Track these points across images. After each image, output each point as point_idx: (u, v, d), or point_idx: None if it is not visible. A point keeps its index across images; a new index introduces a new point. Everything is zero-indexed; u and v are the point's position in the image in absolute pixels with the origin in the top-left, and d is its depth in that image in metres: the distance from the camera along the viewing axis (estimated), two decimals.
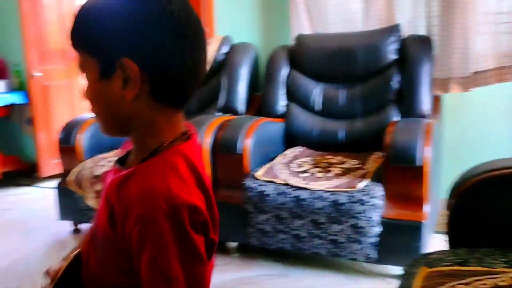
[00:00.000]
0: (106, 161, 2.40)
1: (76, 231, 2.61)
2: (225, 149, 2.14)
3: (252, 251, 2.23)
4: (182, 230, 0.64)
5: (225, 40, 2.76)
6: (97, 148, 2.61)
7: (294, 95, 2.55)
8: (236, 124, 2.22)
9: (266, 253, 2.21)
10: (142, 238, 0.64)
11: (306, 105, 2.51)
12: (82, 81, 3.37)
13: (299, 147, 2.45)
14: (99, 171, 2.35)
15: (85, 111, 3.91)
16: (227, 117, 2.43)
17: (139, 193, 0.65)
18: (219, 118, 2.36)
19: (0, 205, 3.20)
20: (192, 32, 0.69)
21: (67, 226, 2.62)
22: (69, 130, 2.57)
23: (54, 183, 3.70)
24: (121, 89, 0.68)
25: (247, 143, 2.12)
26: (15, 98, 3.64)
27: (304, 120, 2.49)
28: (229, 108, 2.63)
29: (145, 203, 0.64)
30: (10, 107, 3.71)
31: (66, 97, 3.74)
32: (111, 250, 0.71)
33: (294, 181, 1.98)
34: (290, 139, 2.52)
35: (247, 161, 2.13)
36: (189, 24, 0.69)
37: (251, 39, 2.89)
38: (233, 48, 2.75)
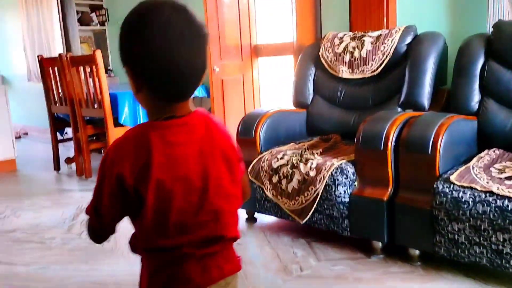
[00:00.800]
0: (282, 154, 2.43)
1: (251, 219, 2.70)
2: (412, 147, 1.97)
3: (436, 261, 2.04)
4: (101, 172, 0.89)
5: (408, 29, 2.57)
6: (272, 141, 2.66)
7: (491, 90, 2.25)
8: (426, 120, 2.03)
9: (453, 265, 1.99)
10: None
11: (506, 101, 2.20)
12: (255, 76, 3.48)
13: (496, 149, 2.15)
14: (277, 164, 2.39)
15: (256, 105, 4.09)
16: (412, 113, 2.25)
17: None
18: (403, 114, 2.20)
19: None
20: (176, 42, 0.85)
21: (243, 214, 2.73)
22: (248, 123, 2.66)
23: None
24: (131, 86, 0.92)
25: (438, 143, 1.92)
26: (197, 91, 3.94)
27: (503, 118, 2.18)
28: (412, 103, 2.44)
29: None
30: (192, 100, 4.03)
31: (238, 90, 3.93)
32: None
33: (498, 188, 1.73)
34: (484, 139, 2.23)
35: (438, 162, 1.93)
36: (173, 35, 0.85)
37: (438, 27, 2.64)
38: (418, 38, 2.54)
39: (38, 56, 4.21)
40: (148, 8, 0.87)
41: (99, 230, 0.96)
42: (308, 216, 2.24)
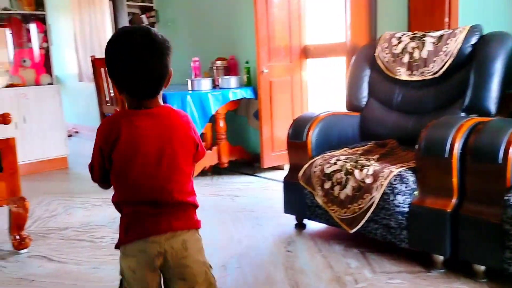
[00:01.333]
0: (335, 159, 2.34)
1: (300, 226, 2.62)
2: (481, 156, 1.83)
3: (505, 279, 1.88)
4: (95, 143, 1.23)
5: (473, 29, 2.41)
6: (324, 145, 2.57)
7: None
8: (496, 127, 1.89)
9: None
10: None
11: None
12: (305, 77, 3.39)
13: None
14: (329, 170, 2.30)
15: (304, 107, 4.00)
16: (479, 118, 2.10)
17: None
18: (470, 119, 2.05)
19: (230, 191, 3.47)
20: (139, 60, 1.19)
21: (292, 220, 2.66)
22: (299, 126, 2.59)
23: (273, 174, 3.90)
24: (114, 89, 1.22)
25: (510, 151, 1.77)
26: (244, 93, 3.91)
27: None
28: (476, 108, 2.29)
29: None
30: (239, 101, 4.00)
31: (286, 92, 3.85)
32: None
33: None
34: None
35: (509, 172, 1.78)
36: (140, 60, 1.19)
37: (504, 27, 2.46)
38: (484, 39, 2.37)
39: (91, 57, 4.30)
40: (118, 36, 1.25)
41: (95, 181, 1.34)
42: (358, 226, 2.14)
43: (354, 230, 2.15)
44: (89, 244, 2.53)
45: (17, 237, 2.45)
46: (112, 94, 4.10)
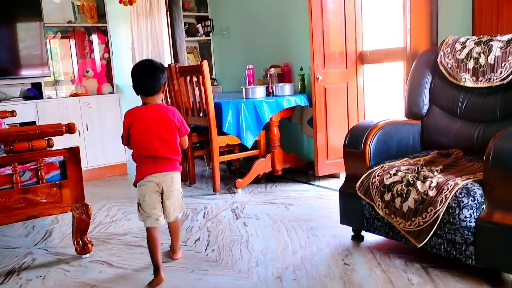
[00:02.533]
0: (395, 170, 2.25)
1: (357, 237, 2.55)
2: None
3: None
4: (123, 125, 2.19)
5: None
6: (383, 155, 2.49)
7: None
8: None
9: None
10: None
11: None
12: (360, 83, 3.31)
13: None
14: (389, 181, 2.22)
15: (360, 114, 3.91)
16: None
17: None
18: None
19: (284, 199, 3.44)
20: (142, 76, 2.18)
21: (349, 231, 2.59)
22: (357, 135, 2.52)
23: (328, 183, 3.84)
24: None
25: None
26: (298, 100, 3.88)
27: None
28: None
29: None
30: (293, 109, 3.97)
31: (341, 99, 3.78)
32: None
33: None
34: None
35: None
36: (143, 74, 2.18)
37: None
38: None
39: None
40: (135, 65, 2.22)
41: (123, 144, 2.25)
42: (426, 240, 2.03)
43: (423, 243, 2.05)
44: (147, 251, 2.58)
45: (80, 242, 2.55)
46: (169, 103, 4.21)
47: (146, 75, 2.15)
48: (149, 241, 2.23)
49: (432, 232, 2.01)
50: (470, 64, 2.45)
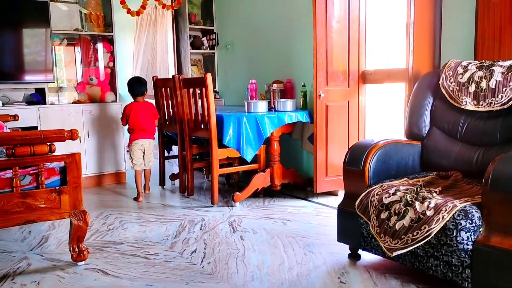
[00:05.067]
0: (394, 189, 2.26)
1: (354, 256, 2.54)
2: None
3: None
4: (123, 112, 4.18)
5: None
6: (382, 174, 2.50)
7: None
8: None
9: None
10: None
11: None
12: (362, 102, 3.33)
13: None
14: (388, 200, 2.22)
15: (361, 133, 3.93)
16: None
17: None
18: None
19: (281, 215, 3.44)
20: (135, 86, 4.16)
21: (346, 249, 2.59)
22: (357, 153, 2.53)
23: (326, 200, 3.84)
24: None
25: None
26: (300, 116, 3.90)
27: None
28: None
29: None
30: (294, 125, 3.99)
31: (343, 117, 3.80)
32: None
33: None
34: None
35: None
36: (135, 84, 4.17)
37: None
38: None
39: (153, 77, 4.47)
40: (130, 78, 4.25)
41: (123, 124, 4.22)
42: (399, 252, 2.04)
43: (394, 254, 2.07)
44: (143, 260, 2.58)
45: (76, 249, 2.54)
46: (171, 114, 4.23)
47: (137, 85, 4.12)
48: (136, 177, 4.09)
49: (410, 248, 2.01)
50: (472, 88, 2.48)
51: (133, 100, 4.12)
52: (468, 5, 2.83)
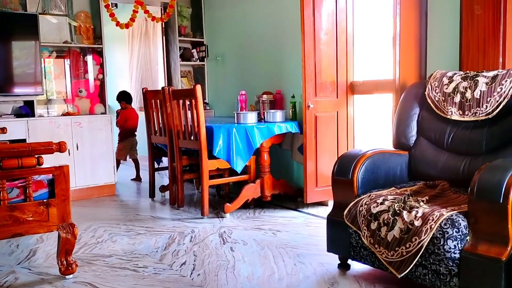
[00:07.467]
0: (382, 199, 2.28)
1: (344, 266, 2.55)
2: None
3: None
4: (121, 114, 5.76)
5: None
6: (371, 183, 2.52)
7: None
8: None
9: None
10: None
11: None
12: (351, 113, 3.36)
13: None
14: (376, 209, 2.24)
15: (350, 143, 3.96)
16: None
17: None
18: None
19: (272, 225, 3.44)
20: (124, 97, 5.64)
21: (335, 259, 2.59)
22: (345, 163, 2.55)
23: (316, 210, 3.85)
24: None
25: None
26: (289, 127, 3.93)
27: None
28: None
29: None
30: (283, 135, 4.01)
31: (331, 128, 3.83)
32: None
33: None
34: None
35: None
36: (125, 96, 5.62)
37: None
38: None
39: (143, 89, 4.48)
40: (120, 91, 5.67)
41: (118, 126, 5.57)
42: (407, 271, 2.05)
43: (403, 274, 2.07)
44: (132, 273, 2.57)
45: (65, 262, 2.52)
46: (161, 125, 4.23)
47: (126, 96, 5.48)
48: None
49: (413, 263, 2.02)
50: (457, 98, 2.52)
51: (121, 108, 5.55)
52: (453, 17, 2.89)
